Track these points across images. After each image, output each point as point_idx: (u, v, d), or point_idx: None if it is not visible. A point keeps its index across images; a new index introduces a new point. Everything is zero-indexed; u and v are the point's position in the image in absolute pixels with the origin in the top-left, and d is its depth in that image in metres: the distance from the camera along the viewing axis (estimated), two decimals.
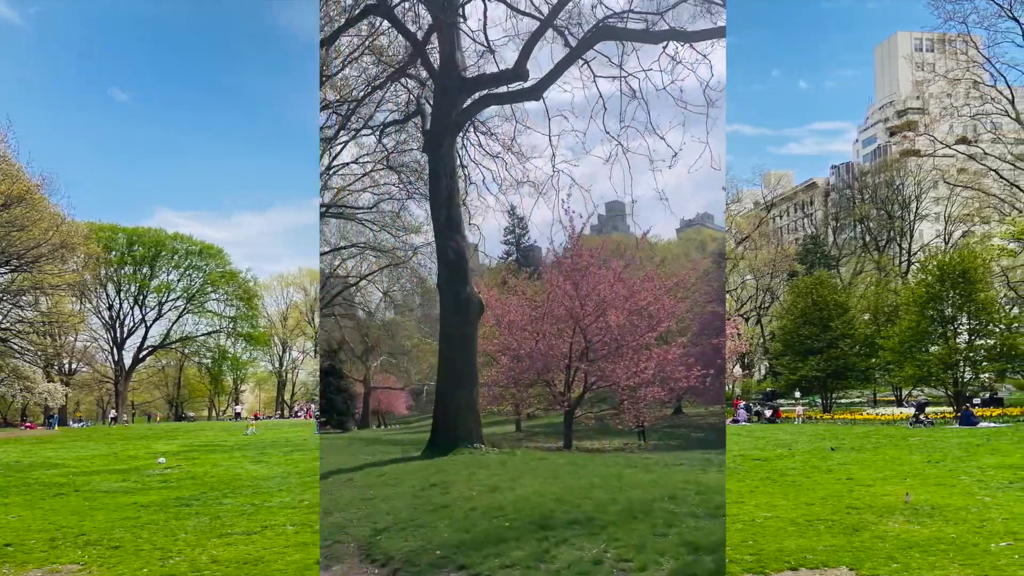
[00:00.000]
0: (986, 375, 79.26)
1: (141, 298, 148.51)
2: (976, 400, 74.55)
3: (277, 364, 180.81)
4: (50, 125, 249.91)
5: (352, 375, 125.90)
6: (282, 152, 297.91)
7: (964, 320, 75.51)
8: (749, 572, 17.44)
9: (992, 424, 59.42)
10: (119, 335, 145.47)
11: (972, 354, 74.79)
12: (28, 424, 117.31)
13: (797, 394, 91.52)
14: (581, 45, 27.27)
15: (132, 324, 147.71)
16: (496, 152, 53.60)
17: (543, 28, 27.72)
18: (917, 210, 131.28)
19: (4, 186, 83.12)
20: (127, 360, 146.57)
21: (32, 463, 50.42)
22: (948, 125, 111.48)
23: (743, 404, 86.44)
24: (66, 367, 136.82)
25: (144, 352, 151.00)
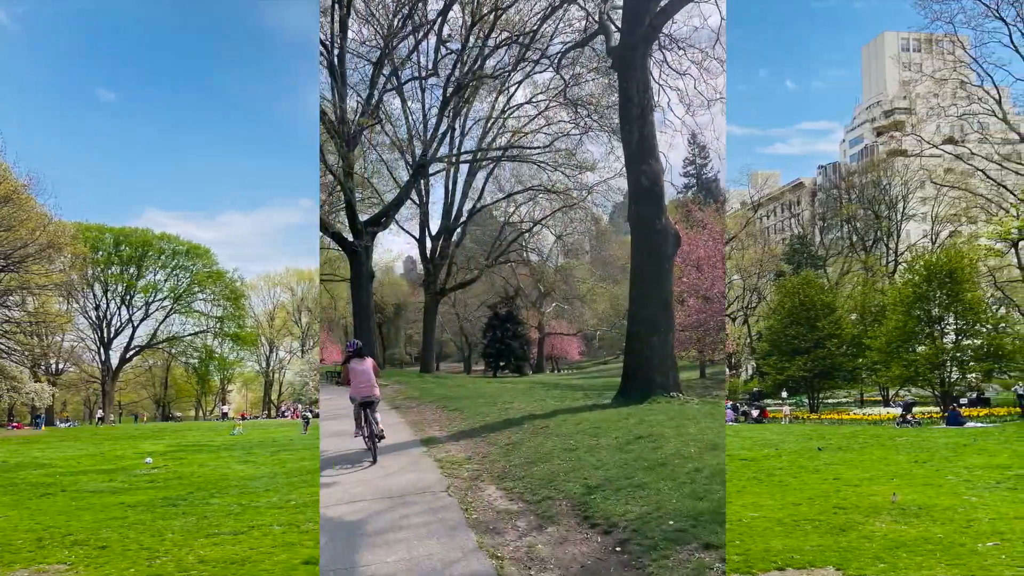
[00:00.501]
0: (973, 375, 79.35)
1: (128, 298, 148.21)
2: (963, 400, 74.70)
3: (264, 364, 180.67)
4: (37, 125, 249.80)
5: (528, 321, 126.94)
6: (269, 152, 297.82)
7: (951, 320, 75.68)
8: (736, 572, 17.47)
9: (979, 424, 59.58)
10: (106, 335, 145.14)
11: (959, 354, 74.96)
12: (15, 424, 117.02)
13: (784, 394, 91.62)
14: None
15: (119, 324, 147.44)
16: (685, 69, 53.40)
17: None
18: (904, 210, 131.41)
19: None
20: (114, 360, 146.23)
21: (19, 463, 50.39)
22: (935, 125, 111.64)
23: (730, 404, 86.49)
24: (53, 367, 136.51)
25: (131, 352, 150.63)
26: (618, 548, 14.55)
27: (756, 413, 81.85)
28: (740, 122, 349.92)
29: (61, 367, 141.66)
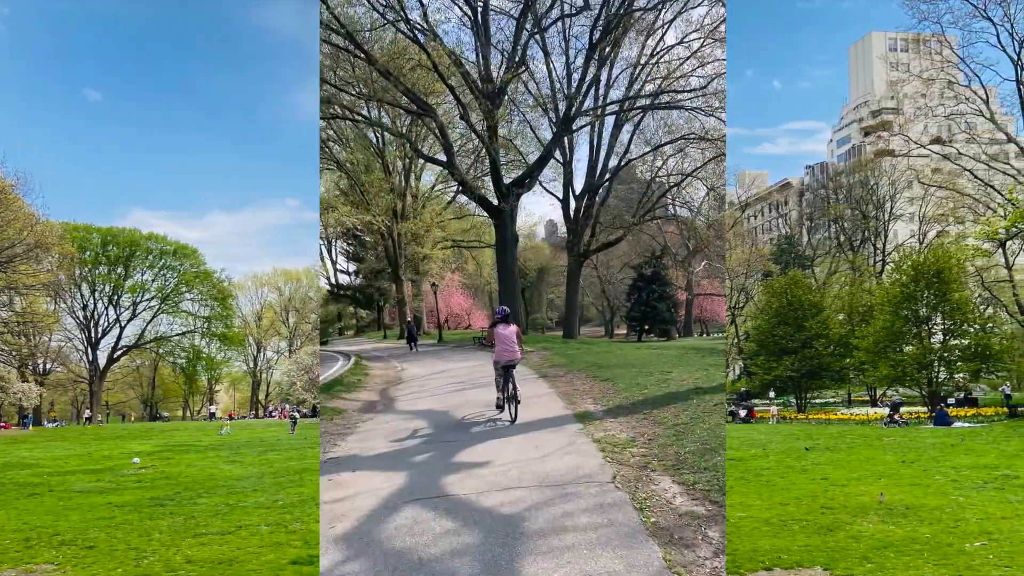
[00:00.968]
0: (960, 375, 79.56)
1: (115, 298, 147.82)
2: (950, 400, 74.88)
3: (251, 364, 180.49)
4: (24, 125, 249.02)
5: (675, 282, 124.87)
6: (256, 152, 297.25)
7: (938, 320, 75.91)
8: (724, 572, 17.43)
9: (966, 424, 59.72)
10: (93, 335, 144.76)
11: (946, 354, 75.22)
12: (2, 424, 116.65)
13: (771, 394, 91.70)
14: None
15: (106, 324, 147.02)
16: None
17: None
18: (891, 210, 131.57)
19: None
20: (101, 360, 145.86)
21: (6, 463, 50.27)
22: (922, 125, 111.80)
23: None
24: (40, 367, 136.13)
25: (118, 352, 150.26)
26: None
27: (744, 413, 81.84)
28: (727, 122, 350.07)
29: (49, 367, 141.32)
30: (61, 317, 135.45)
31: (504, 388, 26.79)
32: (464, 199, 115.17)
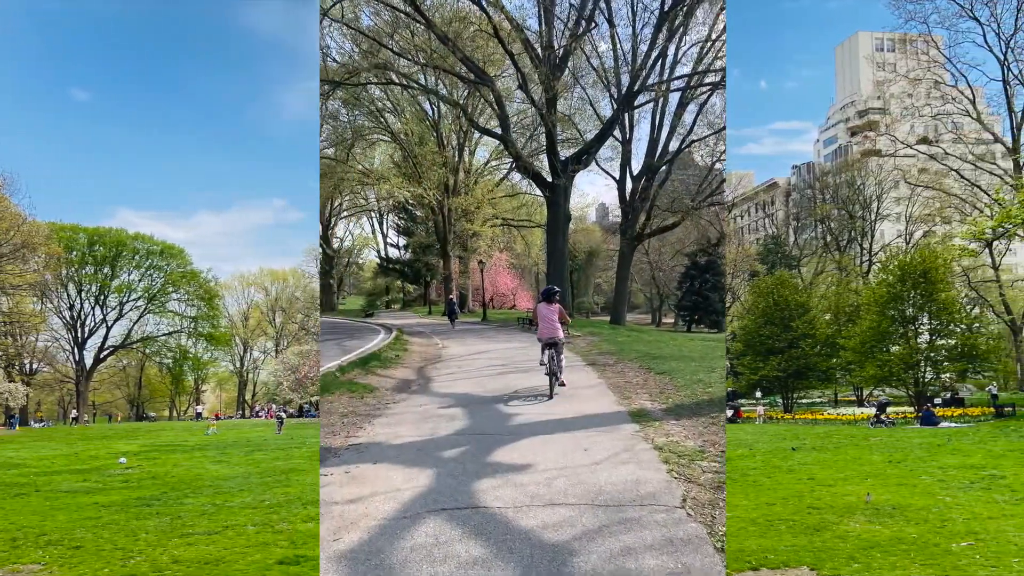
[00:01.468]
0: (947, 375, 79.76)
1: (102, 298, 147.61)
2: (937, 400, 74.92)
3: (238, 364, 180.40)
4: (11, 125, 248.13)
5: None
6: (242, 152, 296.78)
7: (925, 320, 76.04)
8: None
9: (953, 424, 59.74)
10: (80, 335, 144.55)
11: (933, 354, 75.35)
12: None
13: (758, 394, 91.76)
14: None
15: (93, 324, 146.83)
16: None
17: None
18: (878, 210, 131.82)
19: None
20: (88, 360, 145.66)
21: None
22: (909, 125, 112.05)
23: None
24: (27, 367, 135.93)
25: (105, 352, 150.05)
26: None
27: (730, 413, 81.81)
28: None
29: (35, 367, 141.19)
30: (48, 317, 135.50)
31: (548, 362, 27.06)
32: (517, 178, 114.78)
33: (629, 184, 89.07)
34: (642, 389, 27.98)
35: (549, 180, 76.70)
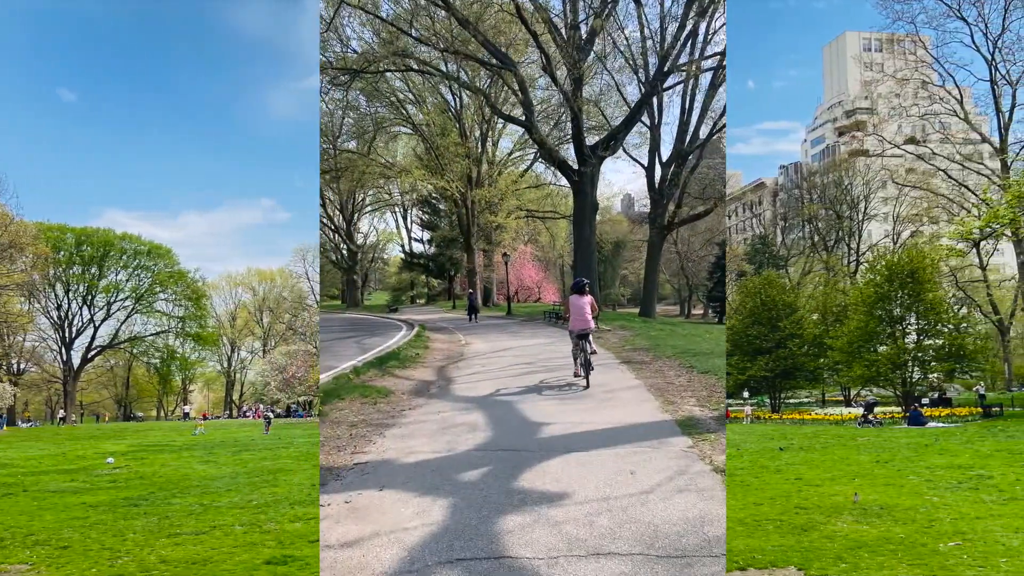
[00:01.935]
0: (934, 375, 79.85)
1: (90, 298, 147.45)
2: (924, 400, 75.04)
3: (225, 364, 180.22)
4: None
5: None
6: (229, 152, 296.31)
7: (913, 320, 76.14)
8: None
9: (940, 424, 59.78)
10: (68, 335, 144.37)
11: (920, 354, 75.44)
12: None
13: (746, 394, 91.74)
14: None
15: (81, 324, 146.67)
16: None
17: None
18: (865, 210, 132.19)
19: None
20: (76, 360, 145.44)
21: None
22: (896, 125, 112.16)
23: None
24: (15, 367, 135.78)
25: (93, 352, 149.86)
26: None
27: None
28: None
29: (23, 367, 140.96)
30: (35, 317, 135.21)
31: (580, 353, 27.81)
32: (541, 168, 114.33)
33: (658, 171, 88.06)
34: (687, 392, 25.58)
35: (575, 168, 75.88)
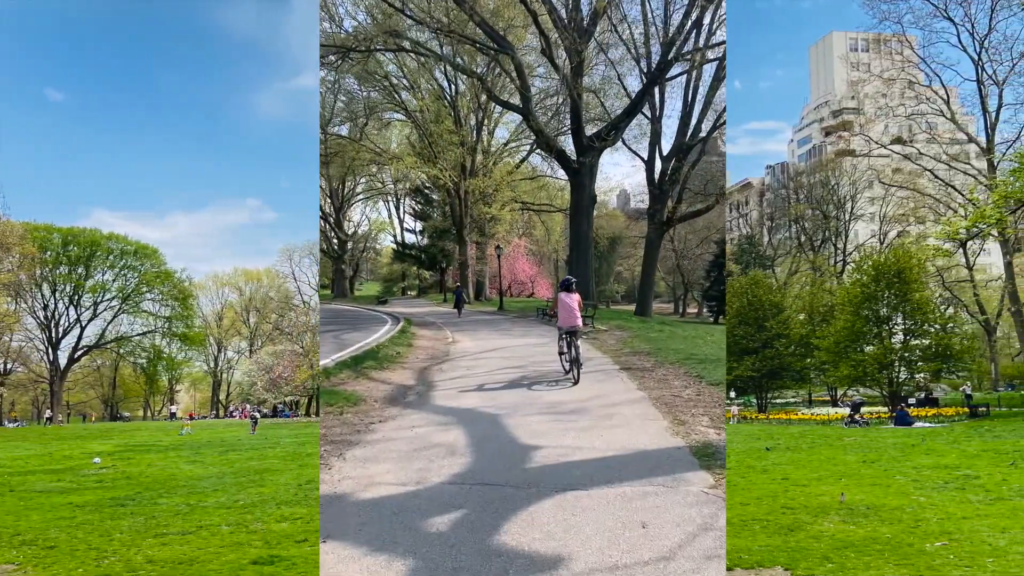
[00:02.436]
0: (921, 375, 79.97)
1: (76, 298, 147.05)
2: (911, 400, 75.11)
3: (212, 364, 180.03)
4: None
5: None
6: (216, 153, 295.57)
7: (899, 320, 76.23)
8: None
9: (927, 424, 59.82)
10: (54, 335, 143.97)
11: (907, 354, 75.54)
12: None
13: (732, 394, 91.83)
14: None
15: (67, 324, 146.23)
16: None
17: None
18: (852, 210, 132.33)
19: None
20: (62, 360, 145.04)
21: None
22: (883, 125, 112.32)
23: None
24: (1, 367, 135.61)
25: (79, 352, 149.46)
26: None
27: None
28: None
29: (9, 367, 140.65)
30: (22, 317, 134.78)
31: (567, 351, 28.51)
32: (537, 160, 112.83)
33: (658, 165, 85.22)
34: (697, 408, 22.75)
35: (573, 158, 75.12)
